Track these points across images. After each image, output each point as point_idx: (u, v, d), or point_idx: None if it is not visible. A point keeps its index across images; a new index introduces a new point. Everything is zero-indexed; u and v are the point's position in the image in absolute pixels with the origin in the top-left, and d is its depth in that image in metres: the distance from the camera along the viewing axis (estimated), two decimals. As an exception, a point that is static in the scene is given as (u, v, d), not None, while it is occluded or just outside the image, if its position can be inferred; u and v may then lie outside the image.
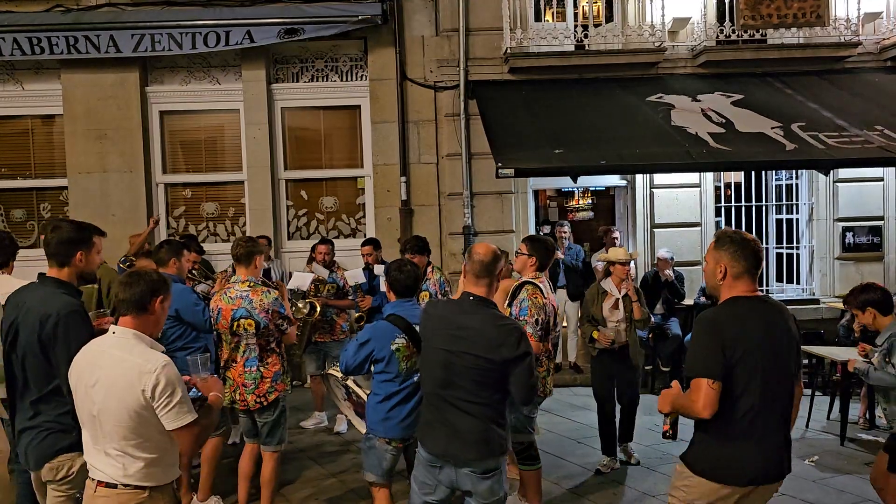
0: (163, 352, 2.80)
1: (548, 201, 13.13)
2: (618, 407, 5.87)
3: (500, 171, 6.91)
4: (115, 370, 2.64)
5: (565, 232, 8.63)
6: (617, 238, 8.53)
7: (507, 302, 4.53)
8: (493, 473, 3.21)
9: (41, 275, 3.33)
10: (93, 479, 2.73)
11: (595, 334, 5.62)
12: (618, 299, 5.71)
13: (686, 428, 3.08)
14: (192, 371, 3.04)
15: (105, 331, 3.56)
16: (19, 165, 8.91)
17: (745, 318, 2.90)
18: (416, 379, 3.80)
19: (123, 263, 6.45)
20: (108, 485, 2.67)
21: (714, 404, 2.81)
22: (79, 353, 2.82)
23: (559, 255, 8.10)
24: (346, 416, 4.64)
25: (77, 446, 3.14)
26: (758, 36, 8.43)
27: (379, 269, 6.45)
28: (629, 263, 5.81)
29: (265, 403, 4.51)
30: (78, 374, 2.76)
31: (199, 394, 2.96)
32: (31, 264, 6.18)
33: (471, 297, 3.27)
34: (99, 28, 8.11)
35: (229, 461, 5.36)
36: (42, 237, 3.39)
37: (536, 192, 9.83)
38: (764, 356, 2.86)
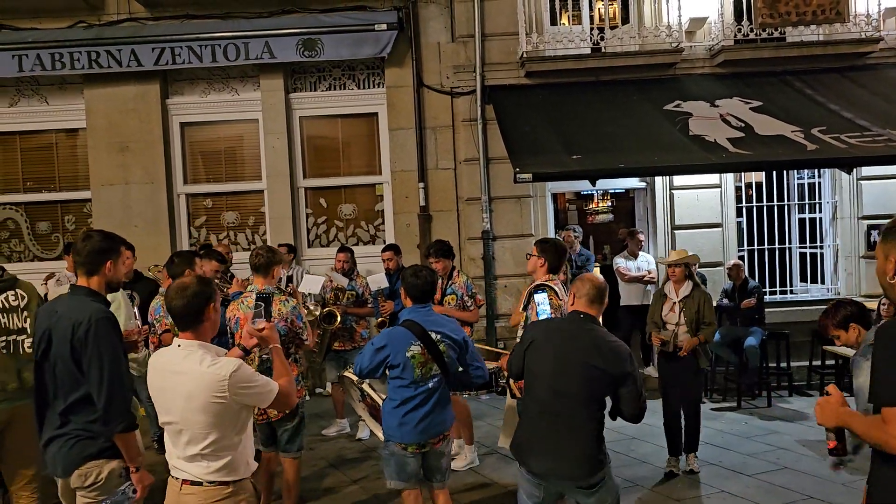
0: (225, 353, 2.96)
1: (567, 204, 13.07)
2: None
3: (517, 176, 6.89)
4: (191, 383, 2.75)
5: (573, 236, 8.55)
6: (642, 240, 8.49)
7: (521, 306, 4.52)
8: (599, 486, 3.32)
9: (72, 285, 3.40)
10: (176, 479, 2.85)
11: (653, 339, 5.73)
12: (675, 302, 5.72)
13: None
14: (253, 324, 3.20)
15: (133, 342, 3.66)
16: (44, 179, 9.07)
17: None
18: (430, 385, 3.84)
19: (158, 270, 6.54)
20: (193, 483, 2.80)
21: None
22: (151, 368, 2.93)
23: None
24: (361, 416, 4.66)
25: (105, 452, 3.20)
26: (776, 34, 8.34)
27: None
28: (678, 265, 5.79)
29: (287, 412, 4.51)
30: (157, 386, 2.89)
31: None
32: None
33: (581, 315, 3.43)
34: (120, 42, 8.26)
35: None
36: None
37: (555, 196, 9.81)
38: None
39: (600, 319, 3.51)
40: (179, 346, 2.85)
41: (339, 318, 6.45)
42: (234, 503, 2.84)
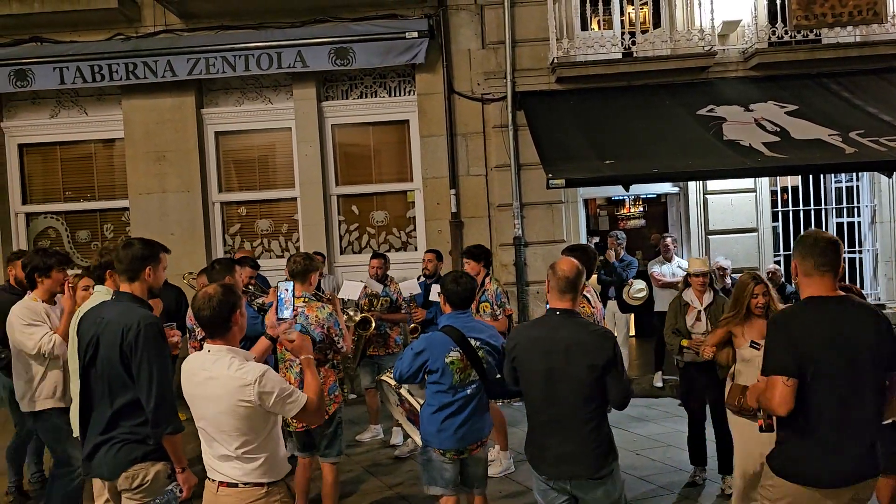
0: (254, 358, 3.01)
1: (598, 210, 13.00)
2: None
3: (550, 181, 6.88)
4: (220, 388, 2.83)
5: (616, 242, 8.48)
6: (670, 246, 8.39)
7: None
8: (604, 478, 3.30)
9: (116, 291, 3.47)
10: (213, 480, 2.92)
11: (685, 342, 5.41)
12: (699, 311, 5.54)
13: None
14: (280, 313, 3.25)
15: (175, 343, 3.72)
16: (83, 188, 9.28)
17: (812, 319, 2.88)
18: (469, 391, 3.84)
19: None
20: (229, 484, 2.88)
21: (789, 402, 2.81)
22: (183, 374, 2.99)
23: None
24: (399, 421, 4.67)
25: (151, 455, 3.26)
26: (811, 36, 8.23)
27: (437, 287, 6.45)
28: (706, 274, 5.61)
29: (325, 418, 4.52)
30: (189, 391, 2.96)
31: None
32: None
33: (557, 312, 3.37)
34: (157, 54, 8.42)
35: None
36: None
37: (586, 201, 9.77)
38: (833, 359, 2.83)
39: (576, 307, 3.40)
40: (209, 351, 2.92)
41: (373, 325, 6.49)
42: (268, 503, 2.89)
